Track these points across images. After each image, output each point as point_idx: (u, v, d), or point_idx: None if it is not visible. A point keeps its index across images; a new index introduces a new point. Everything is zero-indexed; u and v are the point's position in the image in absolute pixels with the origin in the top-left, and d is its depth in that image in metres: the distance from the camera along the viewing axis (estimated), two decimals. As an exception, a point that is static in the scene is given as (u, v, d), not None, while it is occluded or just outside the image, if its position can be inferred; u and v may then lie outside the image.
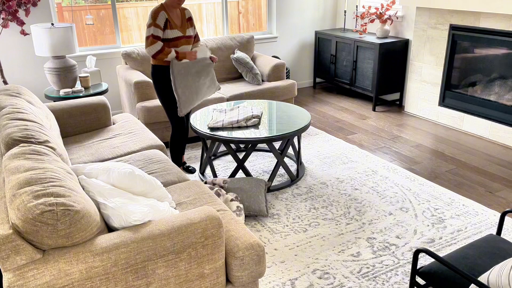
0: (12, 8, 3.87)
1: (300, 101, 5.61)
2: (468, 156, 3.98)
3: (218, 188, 2.97)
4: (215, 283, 1.85)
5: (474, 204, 3.17)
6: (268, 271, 2.50)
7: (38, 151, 1.95)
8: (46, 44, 3.91)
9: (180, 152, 3.58)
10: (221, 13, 5.42)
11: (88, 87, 4.28)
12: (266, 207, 3.02)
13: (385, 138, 4.43)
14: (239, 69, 4.80)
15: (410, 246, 2.71)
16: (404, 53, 5.18)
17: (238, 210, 2.82)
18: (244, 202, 2.96)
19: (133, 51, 4.44)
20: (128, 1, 4.89)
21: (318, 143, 4.28)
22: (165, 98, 3.35)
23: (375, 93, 5.16)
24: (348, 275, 2.46)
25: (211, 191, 2.63)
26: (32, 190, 1.57)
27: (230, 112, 3.53)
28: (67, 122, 3.32)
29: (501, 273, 1.42)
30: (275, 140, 3.18)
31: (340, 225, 2.94)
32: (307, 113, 3.57)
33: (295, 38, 5.93)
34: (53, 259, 1.52)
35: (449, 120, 4.69)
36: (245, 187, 3.04)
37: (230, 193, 2.96)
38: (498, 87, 4.23)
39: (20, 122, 2.27)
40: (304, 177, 3.60)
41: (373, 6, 5.54)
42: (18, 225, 1.50)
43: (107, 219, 1.76)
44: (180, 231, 1.71)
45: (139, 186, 1.96)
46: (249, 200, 2.97)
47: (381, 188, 3.41)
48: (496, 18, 4.02)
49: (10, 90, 2.78)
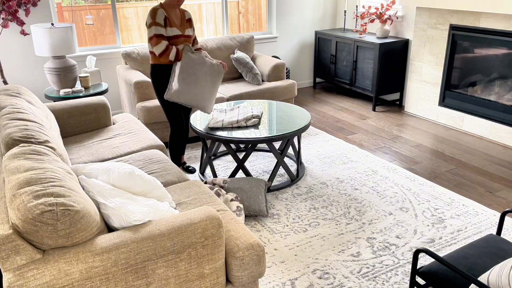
0: (12, 8, 3.87)
1: (300, 101, 5.61)
2: (468, 156, 3.98)
3: (218, 188, 2.97)
4: (215, 283, 1.85)
5: (474, 204, 3.17)
6: (268, 271, 2.50)
7: (38, 151, 1.95)
8: (46, 44, 3.91)
9: (180, 152, 3.58)
10: (221, 13, 5.42)
11: (88, 87, 4.28)
12: (266, 207, 3.02)
13: (385, 138, 4.43)
14: (239, 69, 4.80)
15: (410, 246, 2.71)
16: (404, 53, 5.18)
17: (238, 210, 2.82)
18: (244, 202, 2.96)
19: (133, 51, 4.44)
20: (128, 1, 4.89)
21: (318, 143, 4.28)
22: (164, 98, 3.34)
23: (375, 93, 5.16)
24: (348, 275, 2.46)
25: (211, 191, 2.63)
26: (32, 190, 1.57)
27: (230, 112, 3.53)
28: (67, 122, 3.31)
29: (501, 273, 1.42)
30: (275, 140, 3.18)
31: (340, 225, 2.94)
32: (307, 113, 3.57)
33: (295, 38, 5.93)
34: (53, 259, 1.52)
35: (449, 120, 4.69)
36: (245, 187, 3.04)
37: (230, 193, 2.96)
38: (498, 87, 4.23)
39: (20, 122, 2.27)
40: (304, 177, 3.60)
41: (373, 6, 5.54)
42: (18, 225, 1.50)
43: (107, 219, 1.76)
44: (180, 231, 1.71)
45: (139, 186, 1.96)
46: (249, 200, 2.97)
47: (381, 188, 3.41)
48: (496, 18, 4.02)
49: (10, 90, 2.78)
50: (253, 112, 3.45)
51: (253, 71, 4.68)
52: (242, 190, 3.01)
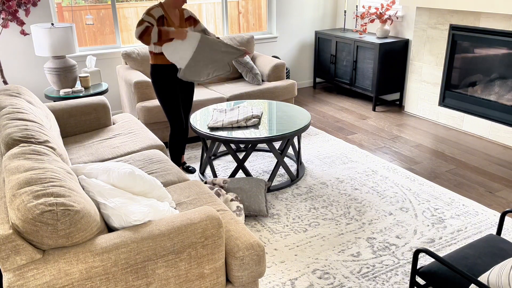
0: (12, 8, 3.87)
1: (300, 101, 5.61)
2: (468, 156, 3.98)
3: (218, 188, 2.97)
4: (215, 283, 1.85)
5: (474, 204, 3.17)
6: (268, 271, 2.50)
7: (38, 151, 1.95)
8: (46, 44, 3.91)
9: (180, 152, 3.58)
10: (221, 13, 5.42)
11: (88, 87, 4.28)
12: (266, 207, 3.02)
13: (385, 138, 4.43)
14: (239, 69, 4.80)
15: (410, 246, 2.71)
16: (404, 53, 5.18)
17: (238, 210, 2.82)
18: (244, 202, 2.96)
19: (133, 51, 4.44)
20: (128, 1, 4.89)
21: (318, 143, 4.28)
22: (164, 98, 3.33)
23: (375, 93, 5.16)
24: (348, 275, 2.46)
25: (211, 191, 2.63)
26: (32, 190, 1.57)
27: (230, 112, 3.53)
28: (67, 122, 3.31)
29: (501, 273, 1.42)
30: (275, 140, 3.18)
31: (340, 225, 2.94)
32: (307, 113, 3.57)
33: (295, 38, 5.93)
34: (53, 259, 1.52)
35: (449, 120, 4.69)
36: (245, 187, 3.04)
37: (230, 193, 2.96)
38: (498, 87, 4.23)
39: (20, 122, 2.27)
40: (304, 177, 3.60)
41: (373, 6, 5.54)
42: (18, 225, 1.50)
43: (107, 219, 1.76)
44: (180, 231, 1.71)
45: (139, 186, 1.96)
46: (249, 200, 2.97)
47: (381, 188, 3.41)
48: (496, 18, 4.02)
49: (10, 90, 2.78)
50: (253, 112, 3.45)
51: (253, 71, 4.68)
52: (242, 190, 3.01)
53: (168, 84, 3.30)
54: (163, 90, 3.31)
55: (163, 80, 3.29)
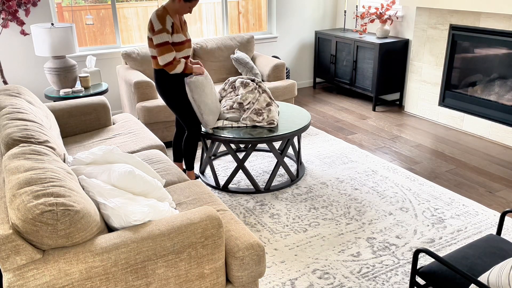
0: (12, 8, 3.87)
1: (300, 101, 5.61)
2: (468, 156, 3.98)
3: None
4: (215, 283, 1.85)
5: (474, 204, 3.17)
6: (268, 271, 2.50)
7: (38, 151, 1.95)
8: (46, 44, 3.91)
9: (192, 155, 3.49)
10: (221, 13, 5.42)
11: (88, 87, 4.28)
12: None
13: (385, 138, 4.43)
14: (239, 69, 4.80)
15: (410, 246, 2.71)
16: (404, 53, 5.18)
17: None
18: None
19: (133, 51, 4.43)
20: (128, 1, 4.89)
21: (318, 143, 4.28)
22: (177, 103, 3.19)
23: (375, 93, 5.16)
24: (348, 275, 2.46)
25: (211, 191, 2.62)
26: (32, 190, 1.57)
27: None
28: (67, 122, 3.31)
29: (501, 273, 1.42)
30: (275, 140, 3.18)
31: (340, 225, 2.94)
32: (307, 113, 3.57)
33: (295, 38, 5.93)
34: (53, 259, 1.52)
35: (449, 120, 4.69)
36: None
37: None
38: (498, 87, 4.23)
39: (20, 122, 2.27)
40: (304, 177, 3.60)
41: (373, 6, 5.54)
42: (18, 225, 1.50)
43: (107, 219, 1.76)
44: (180, 231, 1.71)
45: (139, 186, 1.96)
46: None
47: (381, 188, 3.41)
48: (496, 18, 4.02)
49: (10, 90, 2.78)
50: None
51: (253, 71, 4.68)
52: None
53: (177, 88, 3.17)
54: (174, 95, 3.16)
55: (173, 87, 3.15)
